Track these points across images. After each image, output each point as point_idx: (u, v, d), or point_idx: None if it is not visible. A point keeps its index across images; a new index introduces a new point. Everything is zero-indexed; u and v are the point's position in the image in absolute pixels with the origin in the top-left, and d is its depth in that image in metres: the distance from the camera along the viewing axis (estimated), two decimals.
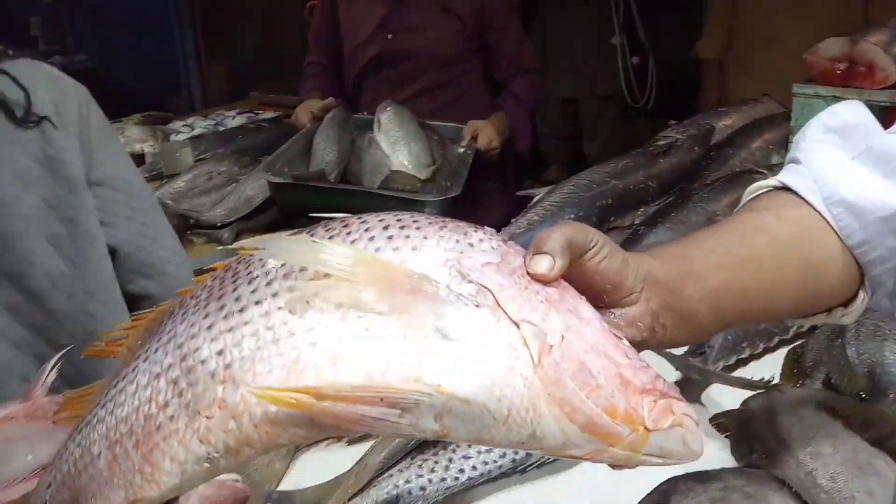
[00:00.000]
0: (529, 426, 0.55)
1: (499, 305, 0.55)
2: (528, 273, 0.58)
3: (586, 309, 0.60)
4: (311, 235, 0.58)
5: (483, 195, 2.61)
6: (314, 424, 0.53)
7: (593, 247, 0.64)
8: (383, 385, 0.52)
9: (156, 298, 1.36)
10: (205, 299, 0.58)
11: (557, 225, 0.64)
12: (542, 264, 0.59)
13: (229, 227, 2.23)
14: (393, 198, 2.10)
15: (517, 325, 0.55)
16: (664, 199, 1.74)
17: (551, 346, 0.55)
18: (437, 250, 0.56)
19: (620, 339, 0.60)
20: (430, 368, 0.52)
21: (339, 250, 0.54)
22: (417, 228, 0.57)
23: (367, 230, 0.57)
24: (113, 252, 1.31)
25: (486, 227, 0.61)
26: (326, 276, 0.54)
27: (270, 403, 0.52)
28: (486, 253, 0.57)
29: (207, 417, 0.54)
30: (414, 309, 0.53)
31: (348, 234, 0.57)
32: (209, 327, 0.56)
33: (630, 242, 1.52)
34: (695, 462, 0.65)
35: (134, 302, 1.37)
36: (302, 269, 0.55)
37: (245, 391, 0.53)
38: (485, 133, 2.49)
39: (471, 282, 0.55)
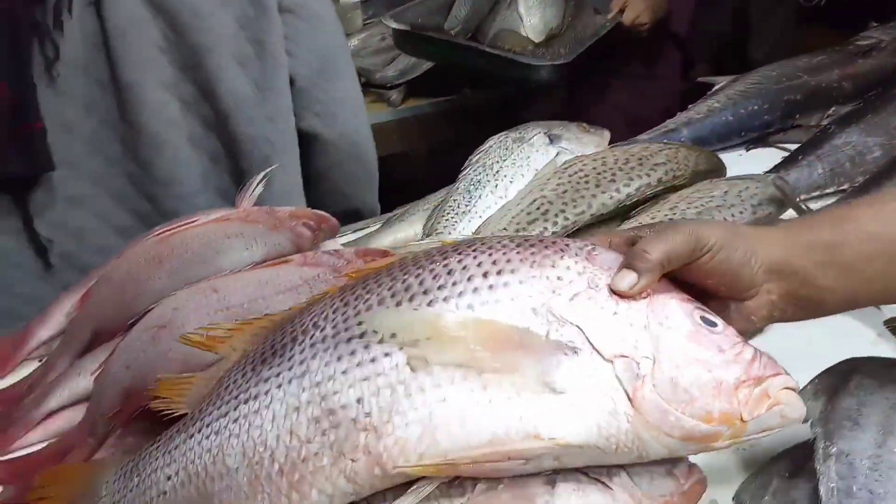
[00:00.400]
0: (636, 451, 0.60)
1: (592, 346, 0.59)
2: (610, 289, 0.62)
3: (676, 311, 0.63)
4: (419, 281, 0.63)
5: (630, 76, 2.49)
6: (450, 475, 0.60)
7: (706, 252, 0.64)
8: (508, 446, 0.58)
9: (322, 140, 1.39)
10: (332, 336, 0.62)
11: (668, 232, 0.64)
12: (624, 282, 0.62)
13: (398, 88, 2.29)
14: (498, 57, 2.06)
15: (611, 363, 0.59)
16: (858, 102, 1.63)
17: (644, 376, 0.59)
18: (532, 293, 0.61)
19: (714, 325, 0.63)
20: (545, 424, 0.58)
21: (445, 319, 0.60)
22: (512, 271, 0.62)
23: (469, 279, 0.62)
24: (290, 83, 1.32)
25: (570, 246, 0.65)
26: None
27: (415, 474, 0.58)
28: (574, 283, 0.62)
29: (353, 461, 0.59)
30: (522, 366, 0.59)
31: (454, 284, 0.62)
32: (345, 372, 0.61)
33: (817, 141, 1.44)
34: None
35: (305, 144, 1.39)
36: None
37: (389, 457, 0.59)
38: (634, 6, 2.31)
39: (564, 323, 0.60)
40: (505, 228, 1.15)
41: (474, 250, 0.65)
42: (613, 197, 1.17)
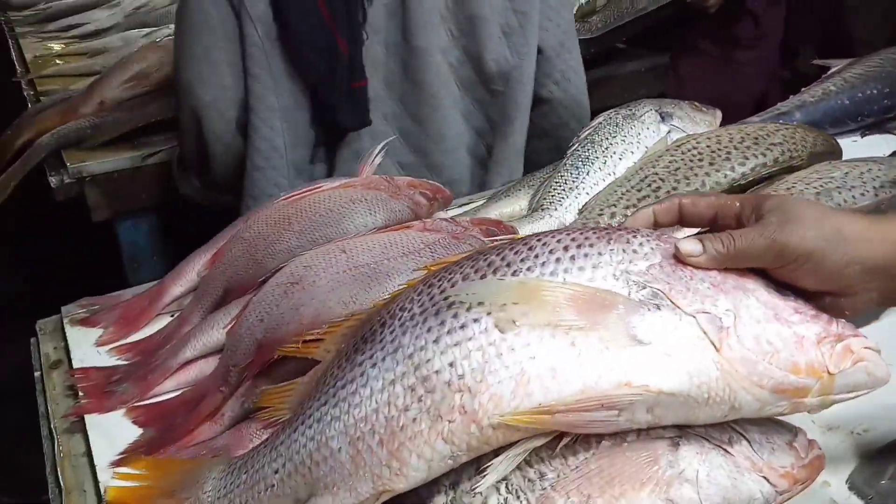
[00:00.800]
0: (728, 402, 0.62)
1: (673, 303, 0.62)
2: (676, 251, 0.65)
3: (748, 278, 0.65)
4: (501, 257, 0.66)
5: (702, 55, 2.46)
6: (546, 427, 0.61)
7: (790, 264, 0.64)
8: (600, 393, 0.60)
9: (555, 103, 1.53)
10: (420, 314, 0.65)
11: (753, 234, 0.64)
12: (687, 247, 0.64)
13: None
14: None
15: (694, 317, 0.62)
16: None
17: (728, 327, 0.62)
18: (612, 264, 0.64)
19: (788, 295, 0.65)
20: (635, 372, 0.60)
21: (531, 283, 0.64)
22: (591, 245, 0.66)
23: (551, 252, 0.66)
24: (539, 53, 1.47)
25: (641, 229, 0.69)
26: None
27: (513, 425, 0.60)
28: (648, 255, 0.65)
29: (450, 421, 0.62)
30: (607, 322, 0.62)
31: (536, 257, 0.66)
32: (435, 341, 0.63)
33: None
34: None
35: (536, 106, 1.53)
36: None
37: (485, 413, 0.61)
38: None
39: (645, 287, 0.63)
40: (614, 205, 1.15)
41: (553, 234, 0.69)
42: (728, 175, 1.15)
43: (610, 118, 1.32)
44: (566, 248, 0.66)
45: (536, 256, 0.66)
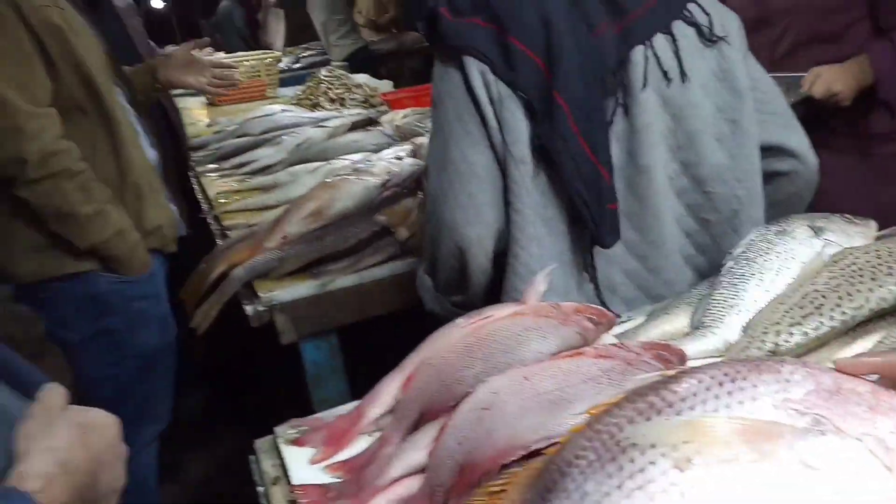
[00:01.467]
0: None
1: (837, 427, 0.64)
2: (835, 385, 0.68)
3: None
4: (661, 398, 0.71)
5: (840, 153, 2.37)
6: None
7: None
8: None
9: (793, 176, 1.66)
10: (597, 460, 0.69)
11: None
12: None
13: None
14: None
15: (860, 440, 0.64)
16: None
17: (893, 449, 0.63)
18: (769, 394, 0.68)
19: None
20: (813, 501, 0.62)
21: (698, 423, 0.68)
22: (744, 378, 0.70)
23: (707, 389, 0.70)
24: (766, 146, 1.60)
25: (786, 358, 0.71)
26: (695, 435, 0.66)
27: None
28: (801, 383, 0.68)
29: None
30: (777, 453, 0.64)
31: (695, 395, 0.70)
32: (619, 486, 0.67)
33: None
34: None
35: (772, 178, 1.66)
36: None
37: None
38: (823, 78, 2.21)
39: (805, 414, 0.65)
40: (778, 322, 1.18)
41: (705, 370, 0.73)
42: (893, 291, 1.16)
43: (762, 235, 1.37)
44: (721, 384, 0.70)
45: (695, 395, 0.71)
